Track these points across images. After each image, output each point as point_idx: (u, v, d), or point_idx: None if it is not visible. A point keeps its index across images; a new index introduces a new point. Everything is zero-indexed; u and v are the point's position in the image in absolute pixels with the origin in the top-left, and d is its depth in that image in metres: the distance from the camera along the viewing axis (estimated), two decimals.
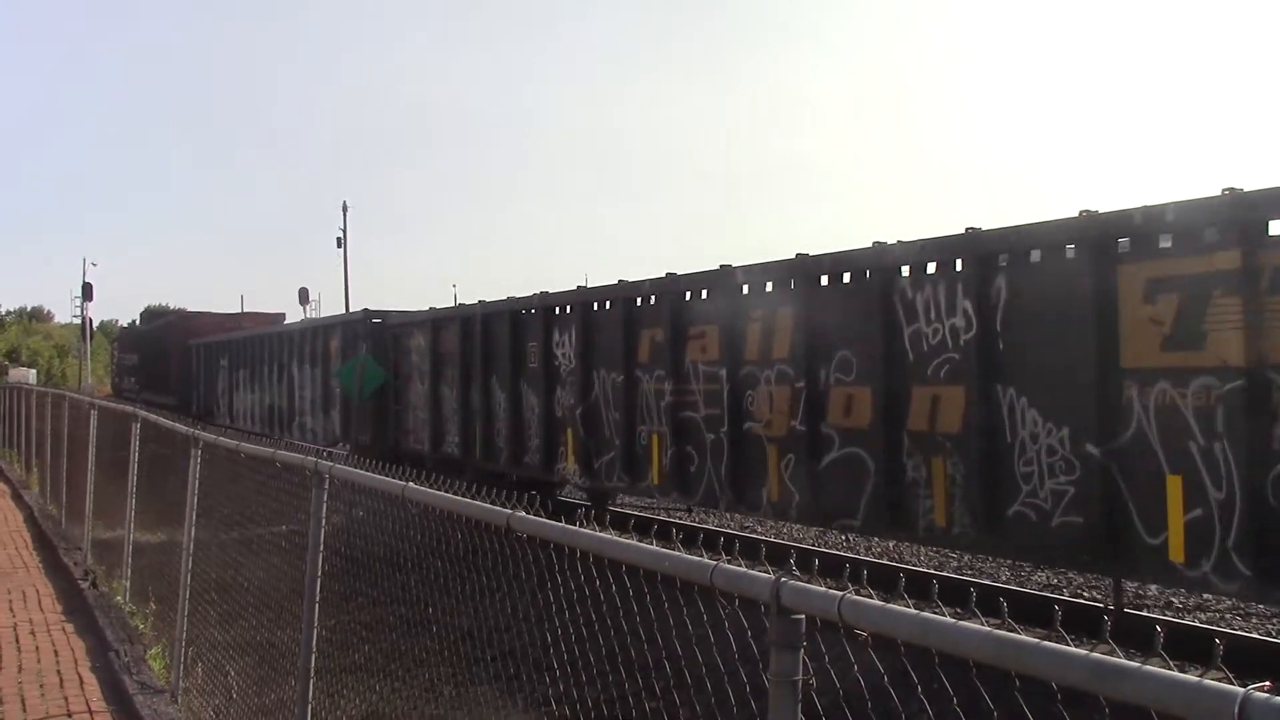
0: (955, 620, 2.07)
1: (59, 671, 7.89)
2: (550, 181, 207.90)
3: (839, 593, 2.28)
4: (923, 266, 8.57)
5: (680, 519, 15.86)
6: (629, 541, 3.11)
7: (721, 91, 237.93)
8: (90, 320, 70.14)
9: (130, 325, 60.86)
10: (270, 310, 44.66)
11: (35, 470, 20.43)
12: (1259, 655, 8.08)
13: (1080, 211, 7.33)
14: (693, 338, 11.07)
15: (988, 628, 2.01)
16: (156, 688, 7.39)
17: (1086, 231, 7.26)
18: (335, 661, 5.86)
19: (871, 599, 2.26)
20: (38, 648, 8.58)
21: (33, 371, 68.78)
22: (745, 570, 2.58)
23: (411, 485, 4.51)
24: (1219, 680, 1.66)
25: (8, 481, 22.08)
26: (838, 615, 2.26)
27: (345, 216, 58.03)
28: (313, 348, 22.80)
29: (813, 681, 2.47)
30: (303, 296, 56.86)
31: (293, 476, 6.10)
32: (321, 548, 5.44)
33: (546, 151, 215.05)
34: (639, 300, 12.07)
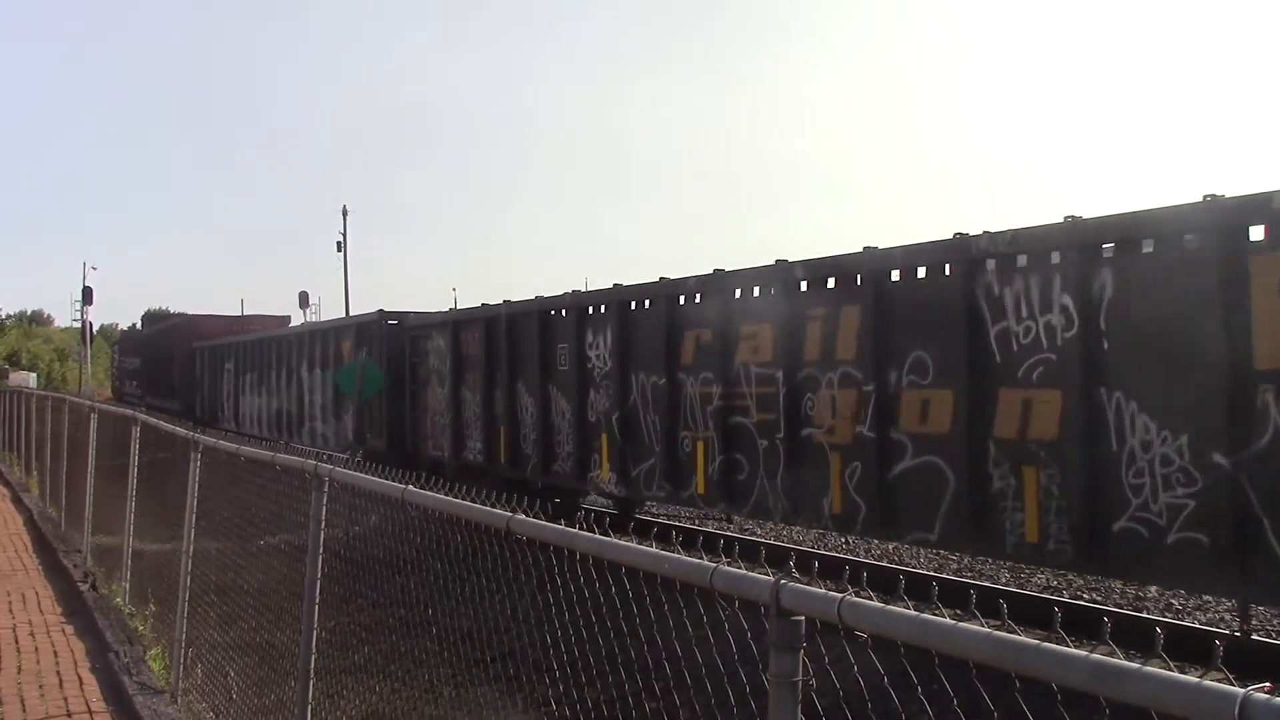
0: (955, 621, 2.07)
1: (59, 672, 7.89)
2: (550, 181, 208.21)
3: (839, 594, 2.28)
4: (1011, 259, 7.91)
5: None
6: (628, 544, 3.11)
7: (721, 91, 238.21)
8: (90, 324, 70.13)
9: (131, 328, 60.89)
10: (273, 313, 44.43)
11: (35, 473, 20.42)
12: (1260, 656, 8.05)
13: (1204, 196, 6.65)
14: (744, 338, 10.39)
15: (987, 629, 2.01)
16: (156, 688, 7.39)
17: (1211, 218, 6.59)
18: (335, 662, 5.86)
19: (871, 600, 2.26)
20: (37, 649, 8.58)
21: (33, 375, 68.71)
22: (745, 572, 2.58)
23: (411, 488, 4.51)
24: (1219, 681, 1.66)
25: (8, 484, 22.06)
26: (837, 617, 2.26)
27: (345, 220, 58.00)
28: (323, 350, 22.25)
29: (813, 683, 2.47)
30: (303, 300, 56.72)
31: (293, 479, 6.10)
32: (321, 550, 5.44)
33: (546, 151, 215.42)
34: (682, 299, 11.39)
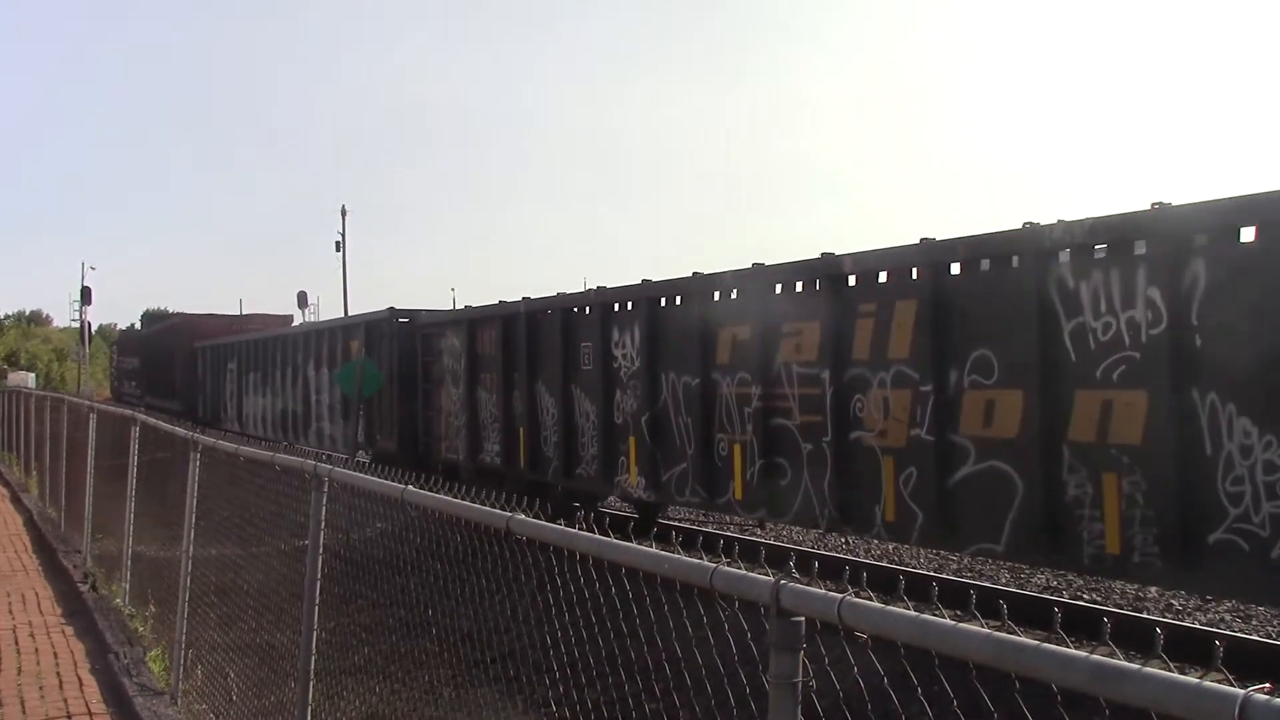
0: (955, 622, 2.07)
1: (59, 673, 7.88)
2: (550, 181, 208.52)
3: (839, 595, 2.29)
4: (1088, 250, 7.38)
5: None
6: (628, 544, 3.11)
7: (721, 91, 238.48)
8: (89, 324, 70.11)
9: (130, 328, 60.75)
10: (274, 312, 44.16)
11: (34, 474, 20.42)
12: (1260, 657, 8.05)
13: None
14: (786, 336, 9.82)
15: (987, 630, 2.01)
16: (156, 690, 7.39)
17: None
18: (335, 663, 5.86)
19: (871, 601, 2.26)
20: (37, 650, 8.58)
21: (32, 375, 68.77)
22: (745, 573, 2.58)
23: (411, 488, 4.51)
24: (1219, 682, 1.66)
25: (7, 485, 22.06)
26: (837, 617, 2.26)
27: (344, 220, 57.98)
28: (330, 349, 21.76)
29: (813, 683, 2.47)
30: (301, 300, 56.67)
31: (292, 479, 6.10)
32: (321, 550, 5.44)
33: (546, 151, 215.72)
34: (716, 294, 10.85)
